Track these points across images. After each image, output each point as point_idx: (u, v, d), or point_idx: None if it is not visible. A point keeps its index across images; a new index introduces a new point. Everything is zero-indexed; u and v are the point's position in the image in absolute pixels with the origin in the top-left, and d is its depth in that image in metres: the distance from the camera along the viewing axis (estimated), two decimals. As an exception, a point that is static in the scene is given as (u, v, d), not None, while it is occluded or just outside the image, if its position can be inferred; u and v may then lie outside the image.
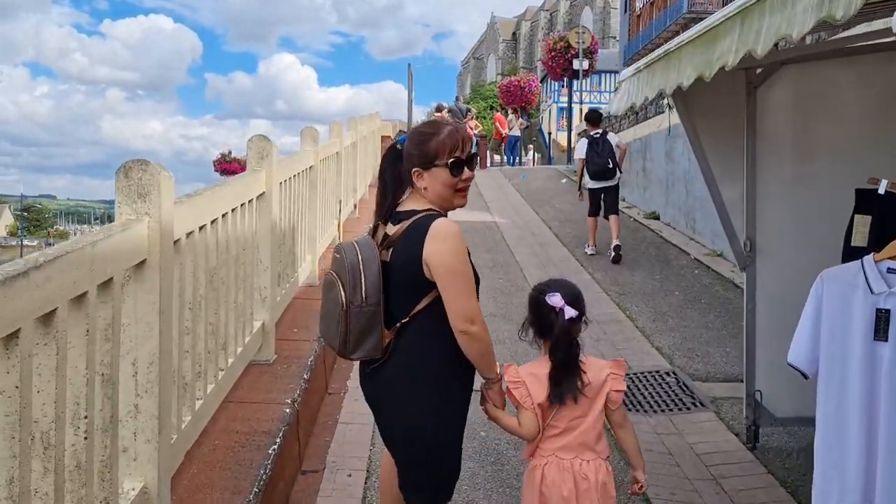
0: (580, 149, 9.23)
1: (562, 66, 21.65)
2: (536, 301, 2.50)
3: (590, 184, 9.15)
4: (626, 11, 52.43)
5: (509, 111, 25.24)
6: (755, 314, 4.23)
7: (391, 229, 2.37)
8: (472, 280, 2.35)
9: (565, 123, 69.89)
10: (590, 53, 21.50)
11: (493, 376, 2.44)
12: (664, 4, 44.12)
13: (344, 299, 2.31)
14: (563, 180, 16.19)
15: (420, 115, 24.35)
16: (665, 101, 11.24)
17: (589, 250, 9.21)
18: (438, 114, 23.58)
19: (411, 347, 2.35)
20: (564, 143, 47.19)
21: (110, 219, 6.85)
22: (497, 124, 24.27)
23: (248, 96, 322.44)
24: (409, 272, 2.31)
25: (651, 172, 11.75)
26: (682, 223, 10.29)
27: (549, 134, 40.29)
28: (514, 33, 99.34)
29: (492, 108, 58.75)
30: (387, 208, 2.43)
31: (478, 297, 2.39)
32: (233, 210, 3.61)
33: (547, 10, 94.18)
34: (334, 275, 2.37)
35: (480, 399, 2.53)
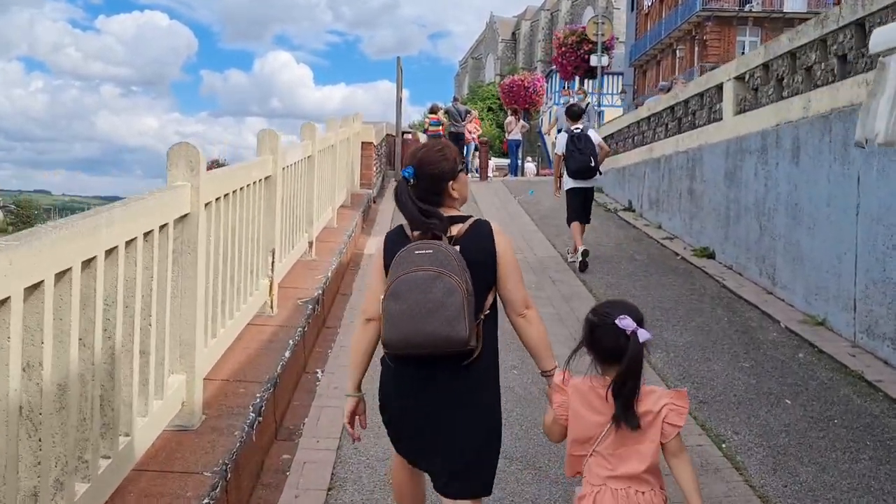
0: (560, 143, 8.50)
1: (573, 63, 19.04)
2: (601, 326, 2.34)
3: (569, 183, 8.43)
4: (633, 10, 50.14)
5: (509, 113, 22.64)
6: None
7: (452, 230, 2.51)
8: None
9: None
10: (606, 49, 18.83)
11: (550, 368, 2.56)
12: (675, 2, 41.69)
13: (465, 287, 2.35)
14: (580, 198, 13.57)
15: (416, 116, 21.67)
16: (720, 105, 8.66)
17: (571, 257, 8.43)
18: (433, 115, 21.08)
19: (489, 344, 2.51)
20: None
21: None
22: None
23: (244, 94, 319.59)
24: (486, 266, 2.49)
25: (702, 197, 9.16)
26: (752, 269, 7.69)
27: (548, 135, 37.61)
28: (513, 33, 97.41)
29: (490, 109, 56.35)
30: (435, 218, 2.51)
31: None
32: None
33: (548, 10, 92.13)
34: (434, 268, 2.37)
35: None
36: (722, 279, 7.82)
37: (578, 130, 8.33)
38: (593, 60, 18.46)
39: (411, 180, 2.55)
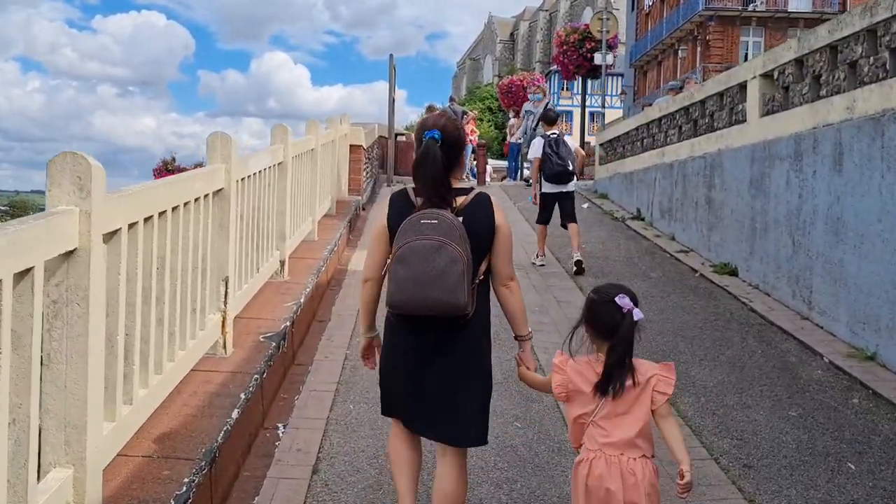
0: (535, 147, 8.35)
1: (575, 62, 18.15)
2: (601, 303, 2.58)
3: (546, 187, 8.33)
4: (633, 10, 49.30)
5: (510, 114, 21.76)
6: None
7: (456, 200, 2.71)
8: None
9: (567, 128, 67.06)
10: (610, 47, 17.96)
11: (525, 333, 2.88)
12: (676, 2, 40.85)
13: (465, 256, 2.56)
14: (585, 205, 12.70)
15: (413, 116, 20.76)
16: (743, 105, 7.81)
17: (538, 261, 8.37)
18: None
19: (482, 305, 2.75)
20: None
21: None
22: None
23: (241, 94, 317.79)
24: (483, 237, 2.71)
25: (722, 207, 8.29)
26: (782, 290, 6.82)
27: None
28: (511, 34, 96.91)
29: (489, 109, 55.48)
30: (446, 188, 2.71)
31: None
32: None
33: (546, 10, 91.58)
34: (438, 238, 2.55)
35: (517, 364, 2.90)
36: (748, 301, 6.95)
37: (555, 135, 8.23)
38: (597, 59, 17.58)
39: (440, 141, 2.70)
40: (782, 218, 6.85)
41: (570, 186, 8.32)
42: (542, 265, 8.28)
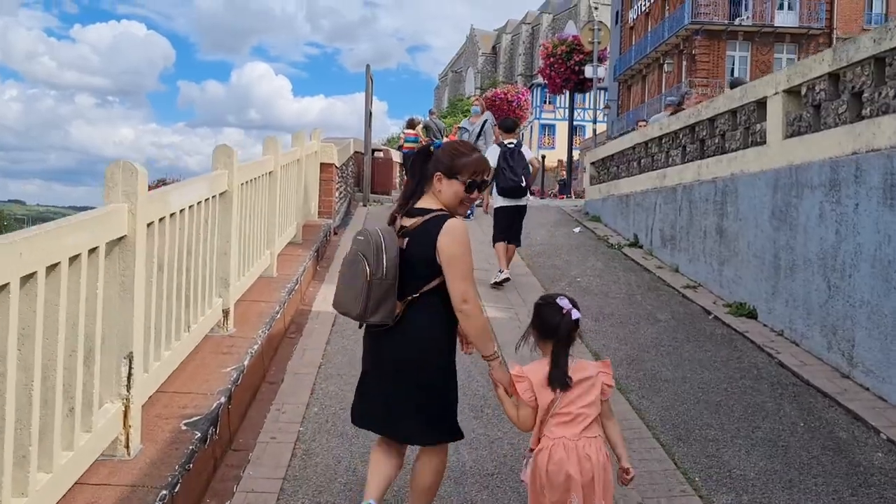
0: (491, 156, 7.76)
1: (563, 75, 17.23)
2: (545, 306, 2.93)
3: (498, 201, 7.99)
4: (617, 23, 48.71)
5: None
6: None
7: (407, 221, 2.97)
8: (471, 268, 2.92)
9: (549, 141, 66.02)
10: (600, 59, 17.07)
11: (489, 354, 2.93)
12: (662, 15, 40.26)
13: (368, 273, 2.84)
14: (577, 229, 11.74)
15: (395, 129, 19.72)
16: (762, 125, 6.92)
17: (500, 277, 7.80)
18: (410, 130, 19.28)
19: (416, 318, 2.94)
20: (552, 163, 42.70)
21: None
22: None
23: (221, 105, 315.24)
24: (424, 257, 2.90)
25: (737, 238, 7.35)
26: (814, 339, 5.87)
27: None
28: (494, 46, 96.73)
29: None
30: (409, 204, 3.02)
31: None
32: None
33: (528, 24, 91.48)
34: (360, 254, 2.89)
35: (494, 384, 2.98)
36: (774, 351, 5.99)
37: (512, 146, 7.83)
38: (588, 72, 16.68)
39: (432, 149, 3.11)
40: (814, 256, 5.91)
41: (524, 201, 7.99)
42: (508, 279, 7.79)
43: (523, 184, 7.76)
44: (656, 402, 5.01)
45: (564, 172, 29.71)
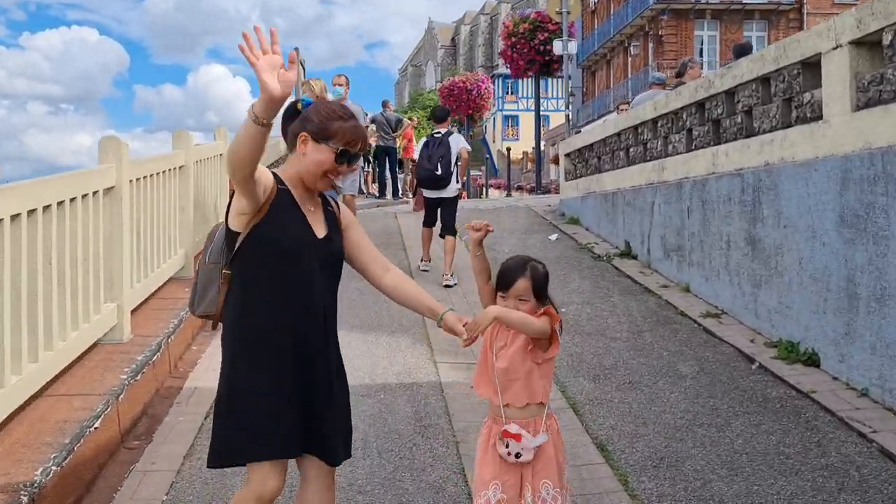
0: (418, 148, 8.11)
1: (526, 56, 15.18)
2: (509, 262, 2.59)
3: (424, 191, 7.86)
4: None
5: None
6: None
7: None
8: None
9: (512, 133, 64.39)
10: (569, 35, 15.03)
11: (444, 308, 2.48)
12: (625, -3, 38.52)
13: (202, 261, 2.46)
14: (554, 236, 9.69)
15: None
16: (814, 94, 4.94)
17: (422, 266, 7.76)
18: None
19: (228, 315, 2.44)
20: (517, 155, 40.69)
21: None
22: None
23: (179, 108, 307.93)
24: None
25: (780, 252, 5.34)
26: (932, 409, 3.89)
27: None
28: (452, 39, 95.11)
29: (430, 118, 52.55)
30: None
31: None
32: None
33: (487, 14, 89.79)
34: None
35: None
36: (867, 428, 3.99)
37: (439, 135, 7.65)
38: (556, 48, 14.64)
39: (299, 105, 2.49)
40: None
41: (449, 192, 7.62)
42: (426, 271, 7.65)
43: (438, 172, 7.42)
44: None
45: (532, 164, 27.82)
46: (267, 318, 2.32)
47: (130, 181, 4.82)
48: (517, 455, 2.46)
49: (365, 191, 17.66)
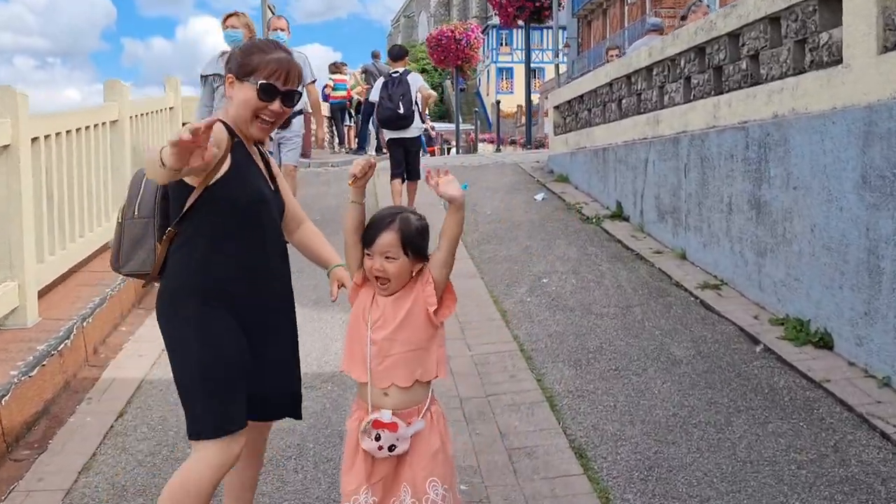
0: (374, 90, 7.73)
1: (516, 3, 14.30)
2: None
3: (387, 133, 7.64)
4: (573, -45, 45.39)
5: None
6: None
7: None
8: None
9: (507, 86, 63.05)
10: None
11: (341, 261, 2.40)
12: (622, -57, 37.11)
13: (120, 213, 2.32)
14: (540, 195, 9.01)
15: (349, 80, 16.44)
16: (832, 35, 4.24)
17: None
18: (338, 76, 16.44)
19: (169, 270, 2.31)
20: (511, 108, 39.74)
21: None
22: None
23: (168, 61, 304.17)
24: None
25: (790, 217, 4.69)
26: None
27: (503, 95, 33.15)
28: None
29: (423, 70, 51.18)
30: None
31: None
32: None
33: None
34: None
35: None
36: (890, 426, 3.39)
37: (397, 74, 7.50)
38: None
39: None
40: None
41: (412, 132, 7.53)
42: None
43: (400, 110, 7.30)
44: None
45: (524, 118, 26.96)
46: (232, 276, 2.20)
47: (34, 139, 4.12)
48: (391, 448, 2.10)
49: (346, 146, 16.89)
